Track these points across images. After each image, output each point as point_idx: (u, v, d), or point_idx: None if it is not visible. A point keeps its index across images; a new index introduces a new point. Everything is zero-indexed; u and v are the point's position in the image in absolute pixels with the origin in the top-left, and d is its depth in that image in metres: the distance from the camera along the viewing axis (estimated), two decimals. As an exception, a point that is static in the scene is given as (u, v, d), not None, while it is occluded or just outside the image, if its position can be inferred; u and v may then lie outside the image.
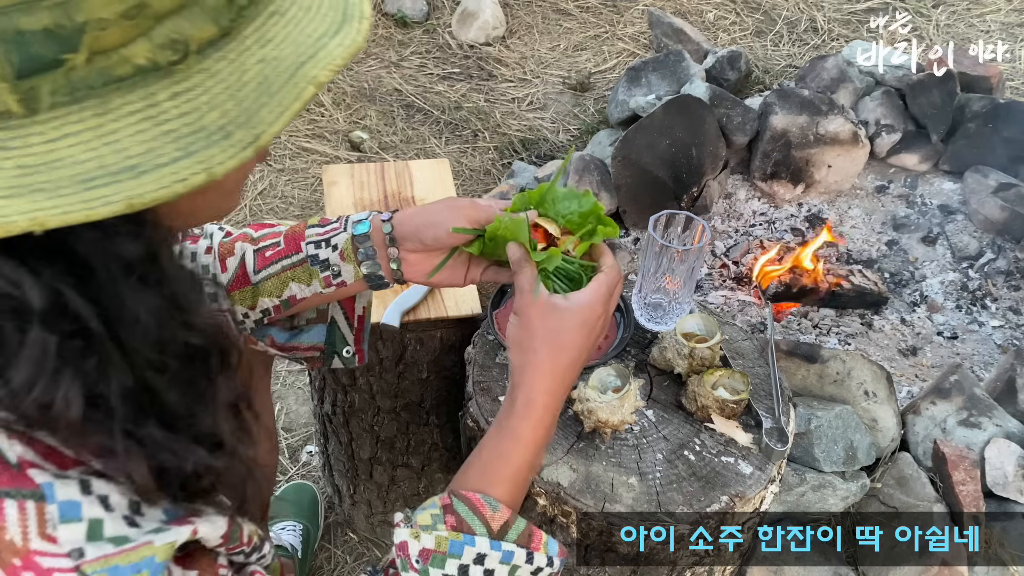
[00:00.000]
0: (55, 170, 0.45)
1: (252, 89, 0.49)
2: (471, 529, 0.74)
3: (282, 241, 0.96)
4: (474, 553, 0.73)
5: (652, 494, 1.04)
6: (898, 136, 2.57)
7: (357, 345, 1.08)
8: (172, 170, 0.46)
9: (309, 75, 0.50)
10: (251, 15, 0.50)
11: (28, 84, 0.44)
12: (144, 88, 0.47)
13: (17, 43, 0.43)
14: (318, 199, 2.62)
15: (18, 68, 0.44)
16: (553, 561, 0.78)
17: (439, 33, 3.36)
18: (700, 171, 2.39)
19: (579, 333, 0.82)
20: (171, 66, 0.47)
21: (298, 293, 0.96)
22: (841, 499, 1.64)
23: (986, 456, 1.68)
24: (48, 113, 0.45)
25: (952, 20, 3.38)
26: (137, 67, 0.46)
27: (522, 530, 0.76)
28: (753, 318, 2.16)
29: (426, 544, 0.72)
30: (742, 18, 3.45)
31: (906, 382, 2.03)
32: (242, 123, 0.48)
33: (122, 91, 0.46)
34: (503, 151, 2.85)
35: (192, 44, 0.47)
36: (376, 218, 0.95)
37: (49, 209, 0.44)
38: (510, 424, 0.81)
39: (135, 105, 0.46)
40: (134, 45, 0.46)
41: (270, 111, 0.49)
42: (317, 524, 1.76)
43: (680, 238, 1.16)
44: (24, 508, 0.50)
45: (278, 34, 0.51)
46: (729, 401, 1.11)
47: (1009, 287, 2.30)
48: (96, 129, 0.46)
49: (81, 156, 0.45)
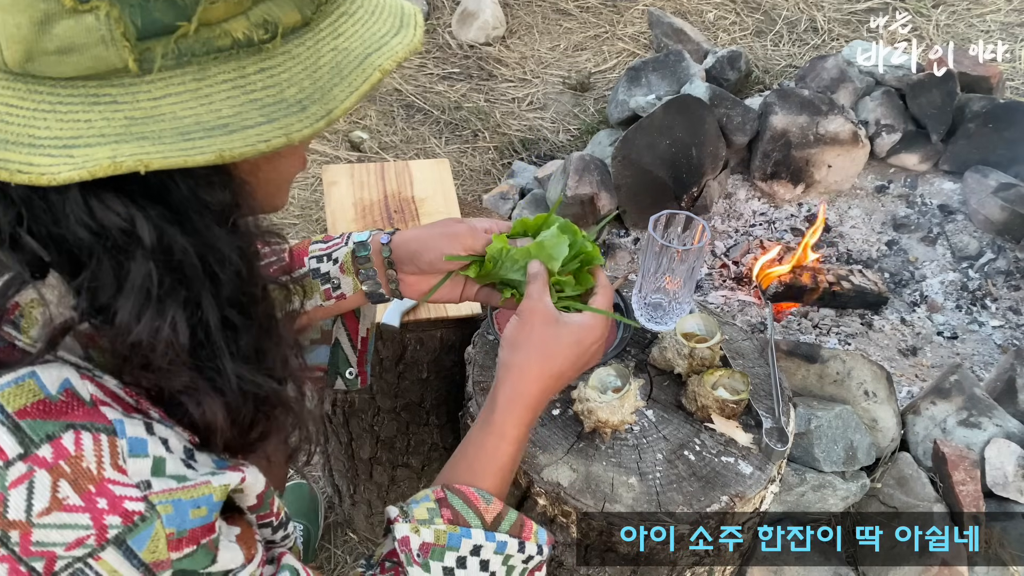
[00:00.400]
0: (158, 123, 0.51)
1: (326, 72, 0.56)
2: (467, 522, 0.77)
3: (286, 257, 0.98)
4: (471, 545, 0.76)
5: (652, 494, 1.04)
6: (898, 136, 2.57)
7: (360, 367, 1.11)
8: (256, 132, 0.52)
9: (375, 63, 0.58)
10: (327, 11, 0.58)
11: (145, 45, 0.50)
12: (236, 61, 0.53)
13: (142, 7, 0.49)
14: (318, 199, 2.62)
15: (140, 30, 0.50)
16: (543, 549, 0.81)
17: (439, 33, 3.36)
18: (700, 171, 2.39)
19: (571, 349, 0.87)
20: (261, 44, 0.54)
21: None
22: (841, 499, 1.64)
23: (986, 456, 1.68)
24: (156, 74, 0.51)
25: (952, 20, 3.38)
26: (234, 40, 0.53)
27: (514, 521, 0.80)
28: (753, 318, 2.16)
29: (426, 538, 0.75)
30: (742, 18, 3.45)
31: (906, 382, 2.03)
32: (317, 99, 0.55)
33: (219, 61, 0.53)
34: (503, 151, 2.85)
35: (280, 27, 0.54)
36: (376, 239, 0.98)
37: (153, 153, 0.50)
38: (493, 420, 0.84)
39: (228, 75, 0.53)
40: (235, 21, 0.52)
41: (341, 90, 0.56)
42: (317, 524, 1.76)
43: (680, 238, 1.16)
44: (99, 440, 0.53)
45: (348, 30, 0.59)
46: (729, 401, 1.11)
47: (1009, 287, 2.30)
48: (194, 92, 0.52)
49: (181, 113, 0.51)
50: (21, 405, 0.52)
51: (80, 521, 0.51)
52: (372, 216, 1.53)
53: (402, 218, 1.53)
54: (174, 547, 0.54)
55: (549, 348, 0.86)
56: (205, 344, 0.59)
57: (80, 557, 0.51)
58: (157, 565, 0.54)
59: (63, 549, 0.51)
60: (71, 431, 0.52)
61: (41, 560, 0.51)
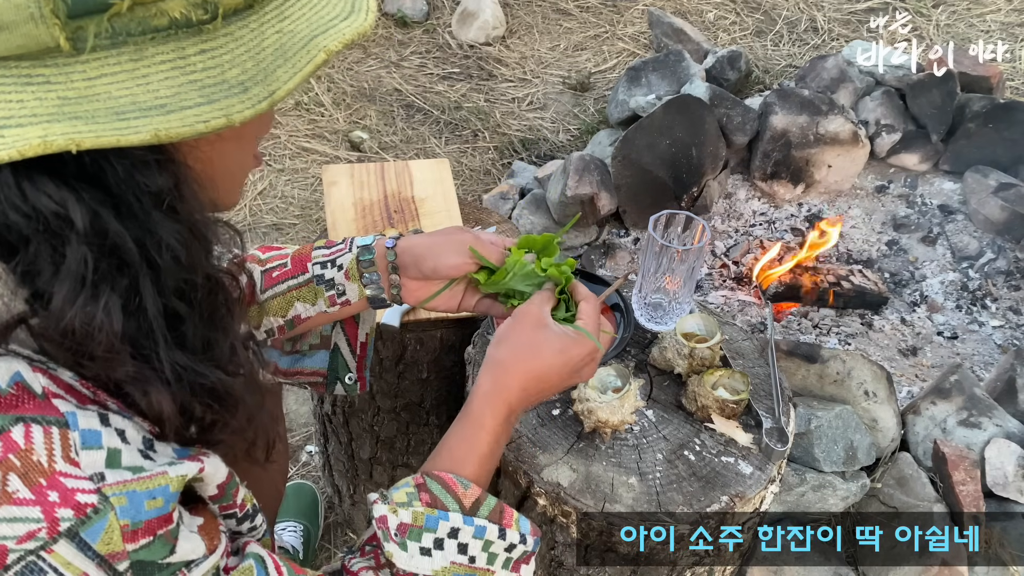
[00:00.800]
0: (92, 103, 0.51)
1: (270, 53, 0.56)
2: (444, 505, 0.78)
3: (289, 262, 1.00)
4: (448, 527, 0.77)
5: (652, 494, 1.04)
6: (898, 136, 2.57)
7: (359, 372, 1.11)
8: (195, 112, 0.52)
9: (321, 44, 0.57)
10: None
11: (77, 24, 0.50)
12: (176, 42, 0.53)
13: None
14: (318, 199, 2.62)
15: (71, 8, 0.49)
16: (526, 539, 0.81)
17: (439, 33, 3.36)
18: (700, 171, 2.39)
19: (556, 357, 0.87)
20: (201, 24, 0.53)
21: (303, 312, 0.99)
22: (841, 499, 1.64)
23: (986, 456, 1.68)
24: (90, 54, 0.51)
25: (952, 20, 3.38)
26: (172, 20, 0.52)
27: (493, 507, 0.80)
28: (753, 318, 2.16)
29: (404, 519, 0.76)
30: (742, 18, 3.45)
31: (906, 382, 2.03)
32: (259, 80, 0.55)
33: (156, 42, 0.52)
34: (503, 151, 2.85)
35: (220, 7, 0.54)
36: (381, 243, 0.99)
37: (85, 133, 0.50)
38: (472, 410, 0.85)
39: (167, 55, 0.53)
40: (169, 2, 0.52)
41: (285, 72, 0.56)
42: (317, 524, 1.76)
43: (680, 238, 1.16)
44: (49, 433, 0.53)
45: (294, 13, 0.58)
46: (729, 401, 1.11)
47: (1009, 287, 2.30)
48: (131, 72, 0.52)
49: (116, 93, 0.51)
50: None
51: (31, 514, 0.51)
52: (372, 216, 1.53)
53: (402, 218, 1.53)
54: (129, 539, 0.54)
55: (534, 348, 0.87)
56: (145, 332, 0.59)
57: (32, 550, 0.51)
58: (112, 556, 0.54)
59: (14, 542, 0.51)
60: (21, 424, 0.52)
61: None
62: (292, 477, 1.88)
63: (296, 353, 1.08)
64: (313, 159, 2.77)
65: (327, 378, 1.09)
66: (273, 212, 2.59)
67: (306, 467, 1.92)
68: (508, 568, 0.80)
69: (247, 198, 2.61)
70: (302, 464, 1.92)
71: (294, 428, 2.00)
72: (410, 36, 3.35)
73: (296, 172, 2.73)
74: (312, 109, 2.96)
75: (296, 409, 2.04)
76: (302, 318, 1.00)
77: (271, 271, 1.00)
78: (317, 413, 1.66)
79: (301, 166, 2.75)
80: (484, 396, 0.85)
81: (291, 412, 2.03)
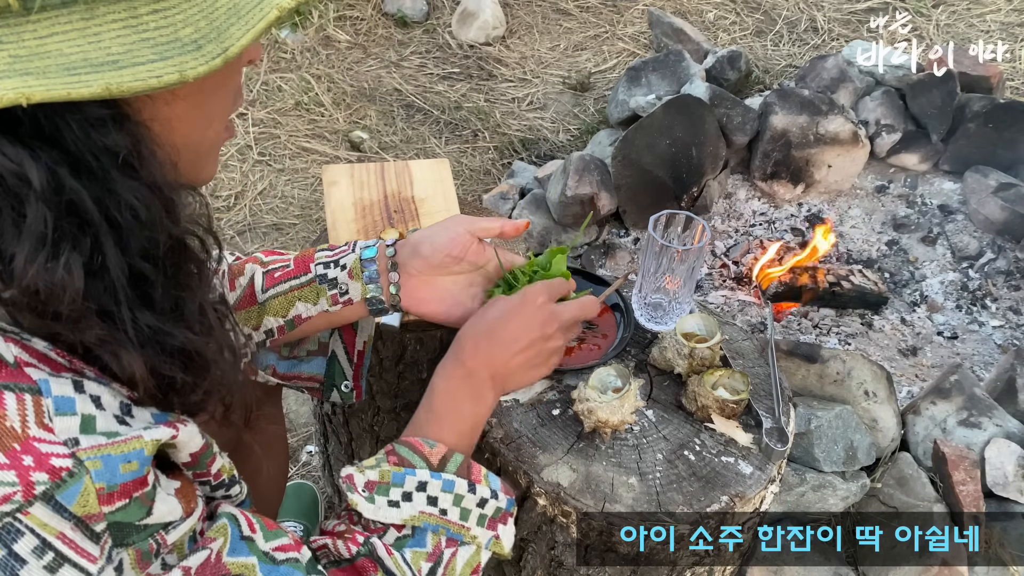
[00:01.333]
0: (43, 59, 0.51)
1: (223, 12, 0.56)
2: (411, 464, 0.80)
3: (291, 263, 1.00)
4: (415, 482, 0.78)
5: (652, 494, 1.04)
6: (898, 136, 2.57)
7: (355, 381, 1.11)
8: (148, 68, 0.53)
9: (274, 2, 0.57)
10: None
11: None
12: (128, 1, 0.53)
13: None
14: (318, 199, 2.62)
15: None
16: (498, 495, 0.83)
17: (439, 33, 3.36)
18: (700, 171, 2.39)
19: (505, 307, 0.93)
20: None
21: (304, 312, 0.99)
22: (841, 499, 1.64)
23: (986, 456, 1.68)
24: (40, 13, 0.51)
25: (952, 20, 3.38)
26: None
27: (460, 463, 0.82)
28: (753, 318, 2.16)
29: (370, 477, 0.77)
30: (742, 18, 3.45)
31: (906, 382, 2.03)
32: (212, 38, 0.55)
33: (108, 1, 0.53)
34: (503, 151, 2.85)
35: None
36: (383, 244, 1.00)
37: (35, 87, 0.50)
38: (434, 380, 0.89)
39: (118, 15, 0.53)
40: None
41: (238, 29, 0.56)
42: (317, 524, 1.76)
43: (680, 238, 1.16)
44: (22, 400, 0.54)
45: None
46: (729, 401, 1.11)
47: (1009, 287, 2.30)
48: (82, 31, 0.52)
49: (67, 50, 0.52)
50: None
51: (5, 478, 0.52)
52: (372, 216, 1.53)
53: (402, 218, 1.53)
54: (105, 501, 0.55)
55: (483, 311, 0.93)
56: (109, 291, 0.59)
57: (8, 512, 0.52)
58: (89, 517, 0.54)
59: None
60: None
61: None
62: (292, 477, 1.88)
63: (294, 358, 1.08)
64: (313, 159, 2.77)
65: (323, 385, 1.09)
66: (273, 212, 2.59)
67: (306, 467, 1.92)
68: (483, 526, 0.81)
69: (247, 198, 2.61)
70: (302, 464, 1.92)
71: (294, 428, 2.00)
72: (410, 36, 3.35)
73: (296, 172, 2.73)
74: (312, 109, 2.96)
75: (296, 409, 2.04)
76: (303, 318, 1.00)
77: (273, 271, 1.00)
78: (317, 413, 1.66)
79: (301, 166, 2.75)
80: (442, 366, 0.90)
81: (291, 412, 2.03)
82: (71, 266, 0.56)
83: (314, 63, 3.15)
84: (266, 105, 2.95)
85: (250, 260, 1.02)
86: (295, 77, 3.07)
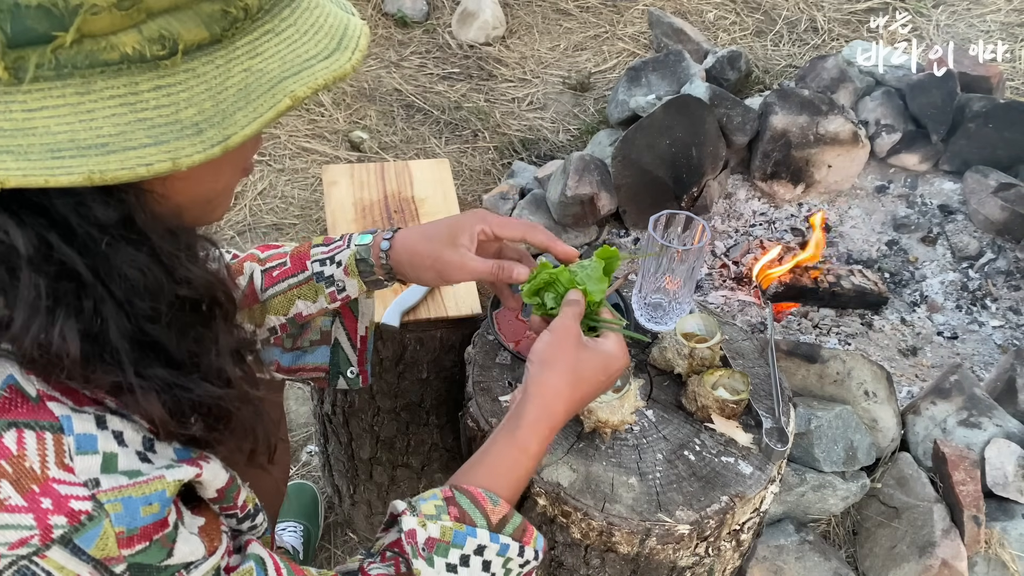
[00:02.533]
0: (28, 137, 0.48)
1: (232, 94, 0.52)
2: (472, 521, 0.78)
3: (288, 261, 1.00)
4: (475, 544, 0.77)
5: (652, 494, 1.04)
6: (898, 136, 2.57)
7: (360, 366, 1.11)
8: (139, 154, 0.49)
9: (288, 89, 0.53)
10: (246, 28, 0.54)
11: (17, 54, 0.47)
12: (129, 76, 0.49)
13: (13, 14, 0.47)
14: (318, 199, 2.62)
15: (10, 37, 0.47)
16: (538, 554, 0.82)
17: (439, 33, 3.36)
18: (700, 171, 2.39)
19: (597, 376, 0.88)
20: (157, 60, 0.50)
21: (304, 310, 1.00)
22: (841, 499, 1.64)
23: (986, 456, 1.68)
24: (31, 84, 0.48)
25: (952, 20, 3.38)
26: (124, 55, 0.49)
27: (518, 525, 0.81)
28: (753, 318, 2.16)
29: (432, 533, 0.76)
30: (742, 18, 3.45)
31: (906, 382, 2.03)
32: (216, 123, 0.51)
33: (107, 75, 0.49)
34: (503, 151, 2.85)
35: (181, 43, 0.50)
36: (377, 243, 0.98)
37: (13, 170, 0.47)
38: (519, 435, 0.84)
39: (117, 90, 0.49)
40: (124, 34, 0.49)
41: (245, 115, 0.52)
42: (317, 524, 1.76)
43: (680, 238, 1.16)
44: (43, 438, 0.53)
45: (268, 50, 0.54)
46: (729, 401, 1.11)
47: (1009, 287, 2.30)
48: (75, 106, 0.48)
49: (55, 128, 0.48)
50: None
51: (23, 522, 0.51)
52: (372, 216, 1.53)
53: (402, 218, 1.53)
54: (125, 544, 0.54)
55: (580, 372, 0.86)
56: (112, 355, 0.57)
57: (24, 555, 0.51)
58: (108, 560, 0.54)
59: (6, 548, 0.51)
60: (13, 429, 0.52)
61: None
62: (292, 477, 1.88)
63: (297, 350, 1.08)
64: (313, 159, 2.77)
65: (329, 373, 1.09)
66: (273, 212, 2.59)
67: (306, 467, 1.92)
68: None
69: (247, 198, 2.61)
70: (302, 464, 1.92)
71: (294, 428, 2.00)
72: (410, 36, 3.34)
73: (296, 172, 2.73)
74: (312, 109, 2.96)
75: (296, 409, 2.04)
76: (303, 315, 1.01)
77: (271, 270, 1.00)
78: (317, 413, 1.66)
79: (301, 166, 2.75)
80: (532, 424, 0.84)
81: (291, 412, 2.03)
82: (65, 334, 0.54)
83: (314, 63, 3.16)
84: (266, 105, 2.95)
85: (248, 258, 1.02)
86: (295, 77, 3.07)
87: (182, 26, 0.50)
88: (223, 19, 0.52)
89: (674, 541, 1.04)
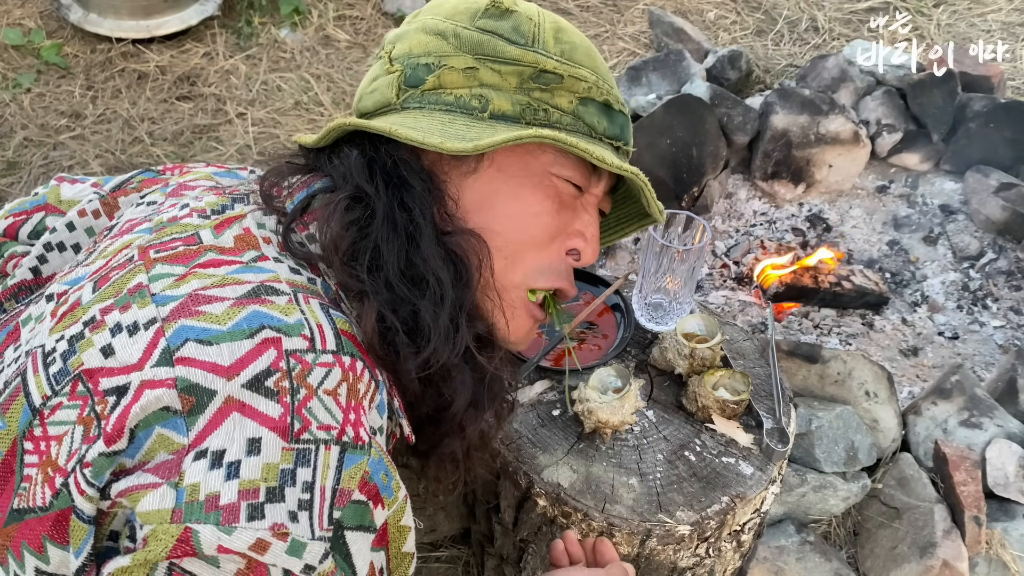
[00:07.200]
0: (417, 123, 0.80)
1: (508, 138, 0.76)
2: None
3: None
4: None
5: (652, 495, 1.04)
6: (899, 136, 2.57)
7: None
8: (440, 141, 0.76)
9: (546, 135, 0.77)
10: (555, 127, 0.82)
11: (407, 92, 0.82)
12: (450, 115, 0.80)
13: (412, 70, 0.82)
14: (318, 199, 2.61)
15: (405, 81, 0.83)
16: None
17: (439, 33, 3.36)
18: (700, 171, 2.39)
19: None
20: (473, 111, 0.80)
21: None
22: (842, 500, 1.64)
23: (987, 456, 1.68)
24: (403, 108, 0.82)
25: (953, 20, 3.38)
26: (451, 102, 0.81)
27: None
28: (753, 318, 2.16)
29: None
30: (743, 17, 3.45)
31: (907, 382, 2.03)
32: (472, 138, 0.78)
33: (440, 111, 0.81)
34: (503, 151, 2.85)
35: (490, 105, 0.80)
36: None
37: (411, 129, 0.78)
38: None
39: (443, 117, 0.80)
40: (459, 90, 0.81)
41: (495, 140, 0.76)
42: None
43: (680, 238, 1.16)
44: (371, 384, 0.69)
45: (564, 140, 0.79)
46: (730, 402, 1.11)
47: (1010, 287, 2.30)
48: (427, 118, 0.80)
49: (423, 125, 0.79)
50: (345, 327, 0.69)
51: (337, 416, 0.64)
52: (372, 216, 1.53)
53: (402, 218, 1.53)
54: (360, 485, 0.64)
55: None
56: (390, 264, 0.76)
57: (322, 440, 0.62)
58: (342, 494, 0.63)
59: (316, 427, 0.62)
60: (362, 363, 0.68)
61: (300, 422, 0.62)
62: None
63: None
64: (313, 159, 2.77)
65: None
66: (273, 212, 2.59)
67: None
68: None
69: (247, 198, 2.61)
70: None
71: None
72: (410, 36, 3.34)
73: (296, 172, 2.73)
74: (312, 109, 2.96)
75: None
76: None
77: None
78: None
79: (301, 166, 2.75)
80: None
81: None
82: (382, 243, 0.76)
83: (313, 63, 3.15)
84: (265, 105, 2.95)
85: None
86: (294, 77, 3.07)
87: (497, 97, 0.80)
88: (527, 109, 0.80)
89: (675, 542, 1.03)
